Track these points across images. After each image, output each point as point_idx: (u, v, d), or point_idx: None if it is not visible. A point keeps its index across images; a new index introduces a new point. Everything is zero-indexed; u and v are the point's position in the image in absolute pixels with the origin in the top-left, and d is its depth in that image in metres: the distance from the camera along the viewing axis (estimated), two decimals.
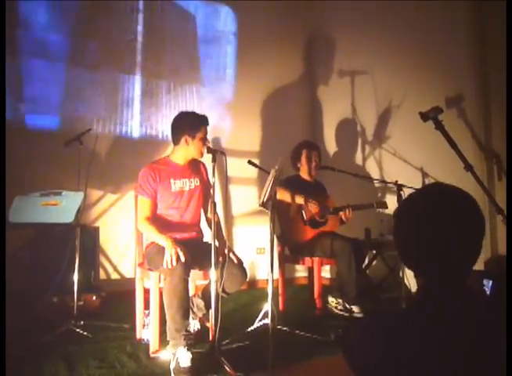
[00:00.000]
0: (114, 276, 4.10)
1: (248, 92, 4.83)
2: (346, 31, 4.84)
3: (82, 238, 3.15)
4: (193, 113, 2.96)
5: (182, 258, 2.52)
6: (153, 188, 2.86)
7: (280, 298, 3.76)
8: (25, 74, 3.91)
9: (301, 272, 4.91)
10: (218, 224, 2.81)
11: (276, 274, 3.66)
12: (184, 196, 2.93)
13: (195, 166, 3.02)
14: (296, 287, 4.68)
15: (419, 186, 3.92)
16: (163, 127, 4.36)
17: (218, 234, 2.77)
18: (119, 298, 3.62)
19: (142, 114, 4.37)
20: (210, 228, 2.82)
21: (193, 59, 4.71)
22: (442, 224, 1.04)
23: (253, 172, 4.13)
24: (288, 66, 5.09)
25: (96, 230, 3.80)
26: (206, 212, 3.05)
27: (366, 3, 4.54)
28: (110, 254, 4.09)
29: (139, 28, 4.43)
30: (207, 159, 2.84)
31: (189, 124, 2.88)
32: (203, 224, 3.09)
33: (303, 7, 5.15)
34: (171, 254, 2.52)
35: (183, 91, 4.56)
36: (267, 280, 2.89)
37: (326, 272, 4.71)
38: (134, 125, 4.32)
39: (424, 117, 2.51)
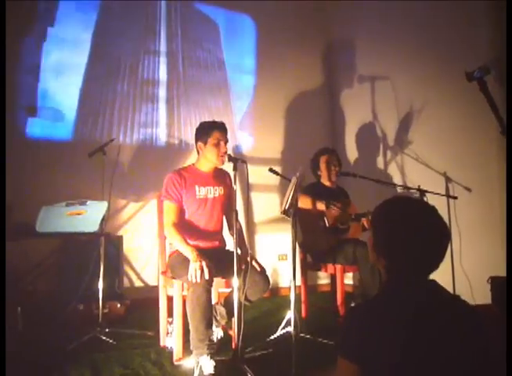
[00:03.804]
0: (138, 283, 4.15)
1: (269, 100, 4.87)
2: (365, 37, 4.83)
3: (106, 247, 3.20)
4: (208, 121, 3.00)
5: (207, 276, 2.51)
6: (179, 192, 2.88)
7: (303, 306, 3.75)
8: (47, 87, 4.00)
9: (323, 279, 4.89)
10: (240, 232, 2.81)
11: (299, 281, 3.65)
12: (208, 203, 2.95)
13: (220, 175, 3.05)
14: (319, 294, 4.65)
15: (442, 191, 3.88)
16: (185, 135, 4.41)
17: (240, 242, 2.78)
18: (143, 306, 3.68)
19: (164, 123, 4.42)
20: (232, 235, 2.86)
21: (216, 67, 4.75)
22: (412, 228, 1.24)
23: (274, 180, 4.13)
24: (308, 73, 5.11)
25: (120, 239, 3.87)
26: (228, 220, 3.06)
27: (385, 8, 4.52)
28: (134, 262, 4.15)
29: (162, 36, 4.50)
30: (228, 167, 2.86)
31: (200, 130, 2.95)
32: (226, 232, 3.10)
33: (322, 14, 5.18)
34: (196, 268, 2.51)
35: (205, 100, 4.60)
36: (289, 287, 2.88)
37: (349, 279, 4.68)
38: (156, 134, 4.39)
39: (469, 76, 2.39)
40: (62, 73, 4.07)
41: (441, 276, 1.33)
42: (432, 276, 1.29)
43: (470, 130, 3.87)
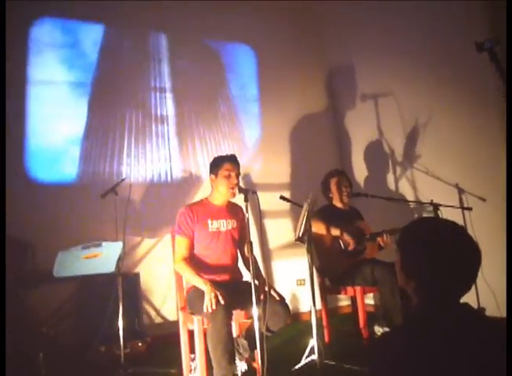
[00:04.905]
0: (158, 320, 4.11)
1: (274, 126, 4.91)
2: (365, 55, 4.86)
3: (124, 286, 3.19)
4: (221, 155, 3.08)
5: (222, 302, 2.53)
6: (191, 228, 2.92)
7: (325, 330, 3.70)
8: (54, 130, 4.07)
9: (344, 300, 4.83)
10: (255, 264, 2.81)
11: (319, 305, 3.62)
12: (221, 236, 2.97)
13: (233, 208, 3.09)
14: (340, 316, 4.60)
15: (456, 202, 3.84)
16: (195, 169, 4.45)
17: (256, 274, 2.78)
18: (164, 342, 3.66)
19: (173, 158, 4.45)
20: (247, 268, 2.86)
21: (220, 98, 4.80)
22: (443, 250, 1.21)
23: (286, 205, 4.11)
24: (311, 96, 5.16)
25: (137, 276, 3.87)
26: (242, 253, 3.08)
27: (383, 24, 4.55)
28: (152, 298, 4.13)
29: (166, 72, 4.57)
30: (239, 200, 2.87)
31: (212, 164, 3.04)
32: (241, 265, 3.11)
33: (320, 36, 5.25)
34: (211, 298, 2.53)
35: (212, 131, 4.64)
36: (310, 312, 2.85)
37: (370, 298, 4.61)
38: (166, 170, 4.40)
39: (480, 47, 2.35)
40: (68, 116, 4.13)
41: None
42: None
43: (478, 138, 3.85)
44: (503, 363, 1.12)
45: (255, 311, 2.56)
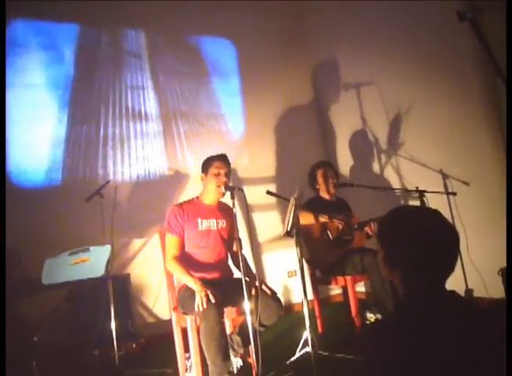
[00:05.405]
0: (150, 319, 4.10)
1: (259, 120, 4.89)
2: (347, 45, 4.84)
3: (115, 287, 3.19)
4: (212, 155, 3.07)
5: (213, 300, 2.53)
6: (181, 226, 2.92)
7: (318, 321, 3.73)
8: (35, 132, 4.00)
9: (335, 289, 4.87)
10: (244, 261, 2.82)
11: (310, 296, 3.64)
12: (211, 235, 2.97)
13: (224, 208, 3.09)
14: (332, 305, 4.63)
15: (440, 188, 3.88)
16: (180, 167, 4.42)
17: (246, 271, 2.78)
18: (158, 342, 3.66)
19: (157, 157, 4.41)
20: (236, 265, 2.87)
21: (203, 92, 4.76)
22: (423, 237, 1.22)
23: (273, 198, 4.12)
24: (294, 88, 5.13)
25: (127, 277, 3.85)
26: (231, 251, 3.08)
27: (365, 13, 4.53)
28: (144, 298, 4.12)
29: (147, 68, 4.52)
30: (228, 199, 2.85)
31: (204, 163, 3.05)
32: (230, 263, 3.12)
33: (302, 28, 5.21)
34: (202, 296, 2.54)
35: (196, 128, 4.61)
36: (302, 303, 2.87)
37: (361, 286, 4.65)
38: (151, 169, 4.36)
39: (461, 16, 2.33)
40: (48, 118, 4.06)
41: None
42: None
43: (460, 122, 3.87)
44: (491, 348, 1.14)
45: (247, 305, 2.57)
